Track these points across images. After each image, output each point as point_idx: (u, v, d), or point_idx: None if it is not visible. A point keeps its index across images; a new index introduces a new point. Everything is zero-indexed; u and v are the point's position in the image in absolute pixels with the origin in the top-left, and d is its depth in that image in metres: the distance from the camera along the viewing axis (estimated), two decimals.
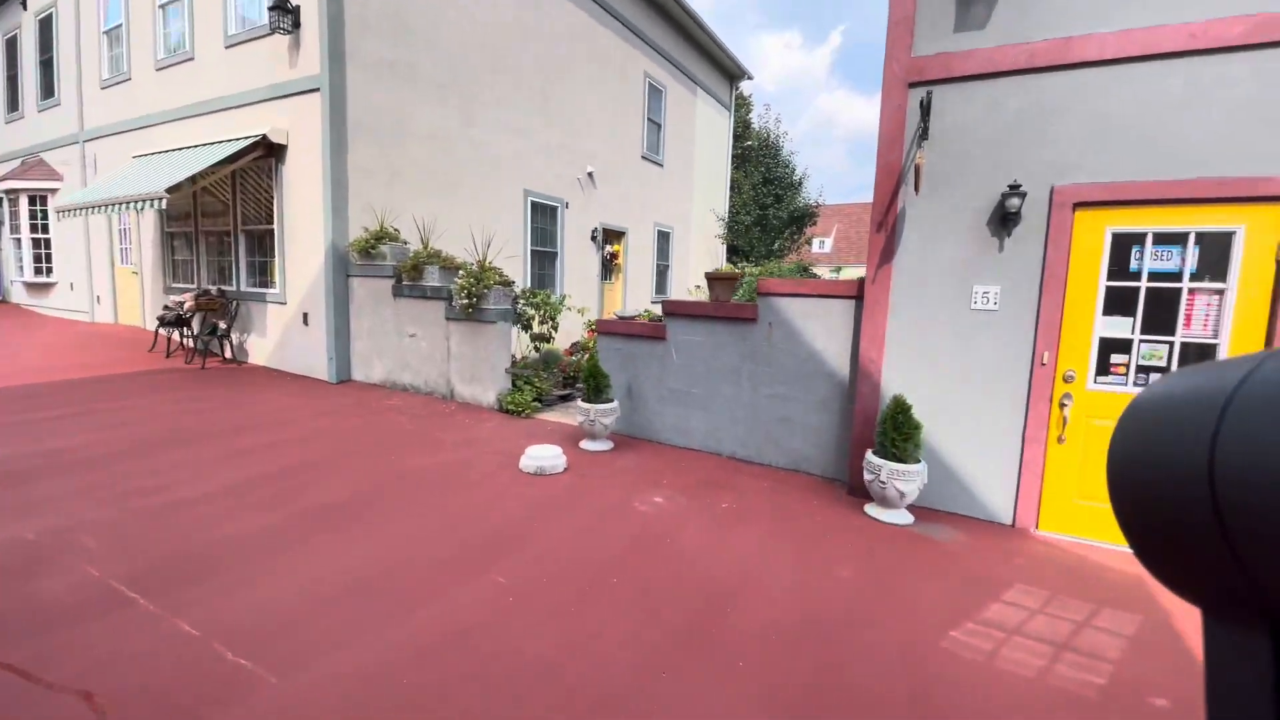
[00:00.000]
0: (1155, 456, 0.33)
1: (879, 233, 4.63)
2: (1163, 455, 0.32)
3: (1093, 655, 2.82)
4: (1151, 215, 3.83)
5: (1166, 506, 0.31)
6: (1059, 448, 4.13)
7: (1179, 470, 0.31)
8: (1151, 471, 0.33)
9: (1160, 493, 0.32)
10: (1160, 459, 0.32)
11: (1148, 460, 0.33)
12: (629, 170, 13.33)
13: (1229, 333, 3.66)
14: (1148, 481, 0.33)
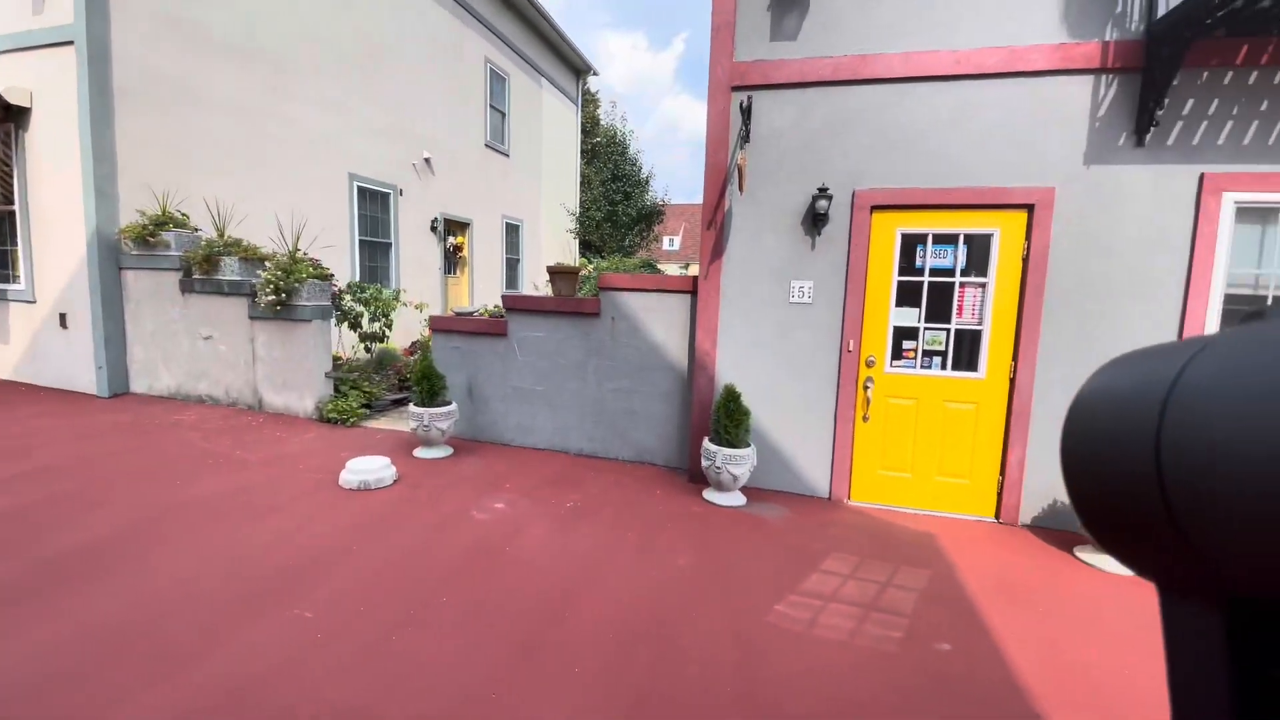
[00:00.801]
0: (1105, 445, 0.34)
1: (709, 230, 4.81)
2: (1112, 444, 0.33)
3: (893, 612, 3.15)
4: (931, 219, 4.38)
5: (1118, 492, 0.32)
6: (865, 425, 4.60)
7: (1128, 458, 0.31)
8: (1102, 460, 0.34)
9: (1112, 480, 0.33)
10: (1110, 447, 0.33)
11: (1098, 449, 0.34)
12: (472, 159, 12.72)
13: (990, 320, 4.31)
14: (1099, 469, 0.34)
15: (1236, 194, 3.84)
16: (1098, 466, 0.35)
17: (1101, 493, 0.35)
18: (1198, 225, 3.90)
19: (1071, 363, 4.18)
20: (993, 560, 3.82)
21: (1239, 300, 3.95)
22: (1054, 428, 4.23)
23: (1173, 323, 3.99)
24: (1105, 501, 0.34)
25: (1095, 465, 0.35)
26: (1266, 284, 3.90)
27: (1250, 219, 3.89)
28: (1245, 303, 3.93)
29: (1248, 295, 3.94)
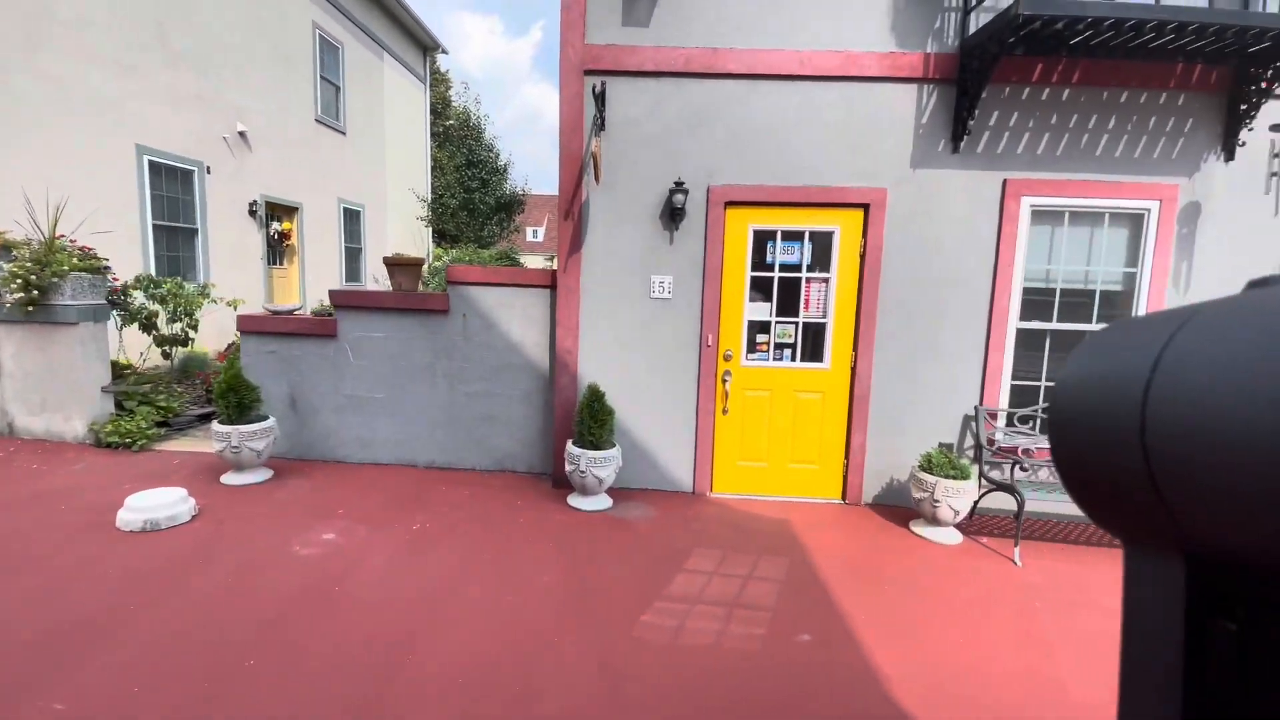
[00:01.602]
0: (1093, 408, 0.36)
1: (566, 220, 4.55)
2: (1100, 406, 0.35)
3: (756, 607, 3.15)
4: (780, 216, 4.49)
5: (1102, 453, 0.34)
6: (724, 418, 4.65)
7: (1114, 420, 0.33)
8: (1090, 422, 0.36)
9: (1098, 445, 0.35)
10: (1098, 410, 0.35)
11: (1087, 411, 0.36)
12: (299, 134, 11.27)
13: (833, 313, 4.52)
14: (1087, 436, 0.36)
15: (1033, 198, 4.35)
16: (1085, 428, 0.36)
17: (1086, 453, 0.36)
18: (1002, 225, 4.37)
19: (901, 351, 4.52)
20: (843, 542, 4.01)
21: (1035, 293, 4.49)
22: (890, 412, 4.56)
23: (983, 310, 4.45)
24: (1089, 461, 0.36)
25: (1082, 426, 0.36)
26: (1056, 277, 4.47)
27: (1043, 220, 4.43)
28: (1040, 294, 4.48)
29: (1041, 288, 4.49)
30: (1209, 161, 4.28)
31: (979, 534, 4.27)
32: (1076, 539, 4.29)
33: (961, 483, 3.99)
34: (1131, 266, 4.41)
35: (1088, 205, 4.34)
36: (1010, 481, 4.00)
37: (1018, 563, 3.83)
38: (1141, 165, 4.30)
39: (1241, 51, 3.92)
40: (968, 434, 4.56)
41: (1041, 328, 4.47)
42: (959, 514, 4.05)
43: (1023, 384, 4.55)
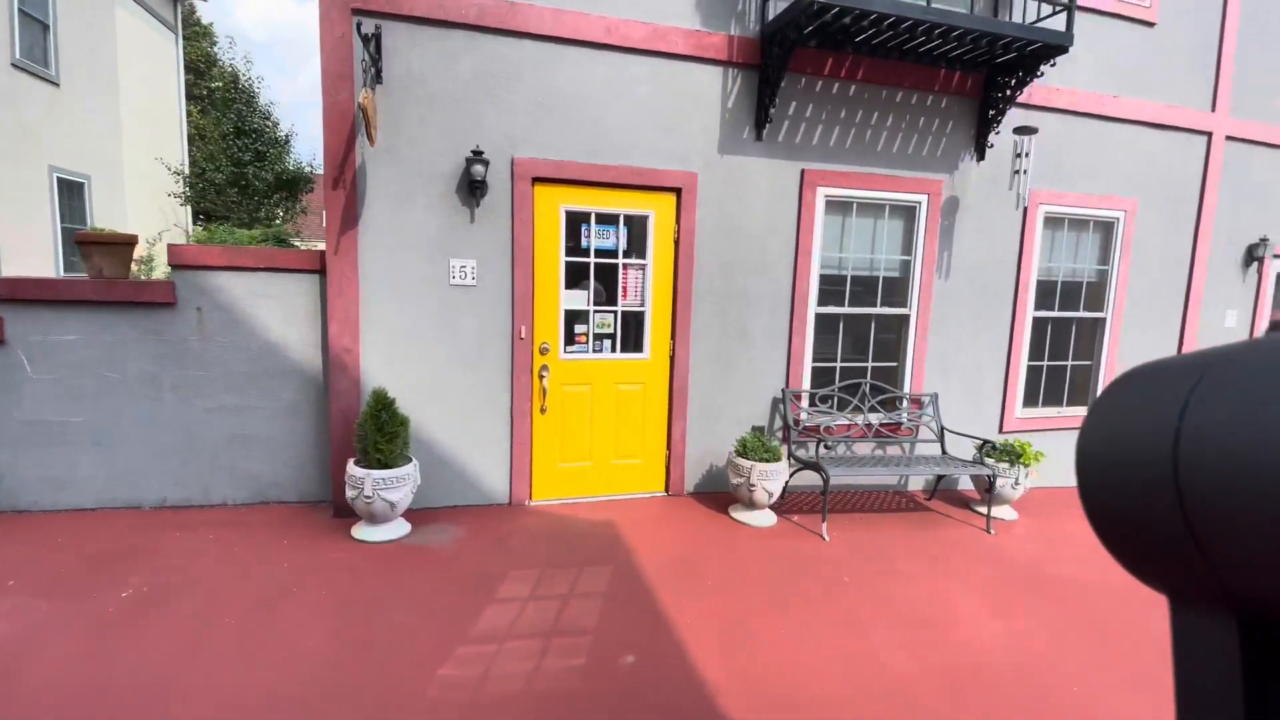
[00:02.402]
0: (1123, 458, 0.33)
1: (337, 190, 3.76)
2: (1130, 457, 0.33)
3: (576, 631, 2.79)
4: (593, 196, 4.16)
5: (1136, 506, 0.32)
6: (542, 418, 4.23)
7: (1146, 471, 0.31)
8: (1120, 473, 0.34)
9: (1129, 493, 0.33)
10: (1127, 461, 0.33)
11: (1116, 469, 0.34)
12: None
13: (651, 301, 4.33)
14: (1117, 483, 0.34)
15: (827, 189, 4.54)
16: (1116, 482, 0.34)
17: (1120, 509, 0.34)
18: (801, 214, 4.51)
19: (716, 338, 4.48)
20: (667, 538, 3.83)
21: (829, 280, 4.72)
22: (707, 400, 4.51)
23: (786, 296, 4.57)
24: (1124, 517, 0.34)
25: (1113, 484, 0.34)
26: (847, 264, 4.74)
27: (835, 210, 4.66)
28: (833, 281, 4.72)
29: (834, 275, 4.73)
30: (965, 160, 4.82)
31: (791, 512, 4.39)
32: (873, 507, 4.62)
33: (774, 465, 4.03)
34: (907, 254, 4.84)
35: (872, 197, 4.66)
36: (816, 459, 4.14)
37: (826, 538, 3.97)
38: (914, 161, 4.71)
39: (991, 61, 4.43)
40: (777, 416, 4.67)
41: (836, 312, 4.73)
42: (773, 495, 4.10)
43: (822, 365, 4.78)
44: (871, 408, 4.79)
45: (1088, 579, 3.65)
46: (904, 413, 4.89)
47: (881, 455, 4.87)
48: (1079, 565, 3.85)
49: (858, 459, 4.55)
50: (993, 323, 5.10)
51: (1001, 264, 5.05)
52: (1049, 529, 4.47)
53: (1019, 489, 4.56)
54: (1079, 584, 3.58)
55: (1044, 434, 5.36)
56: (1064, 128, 5.01)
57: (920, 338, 4.88)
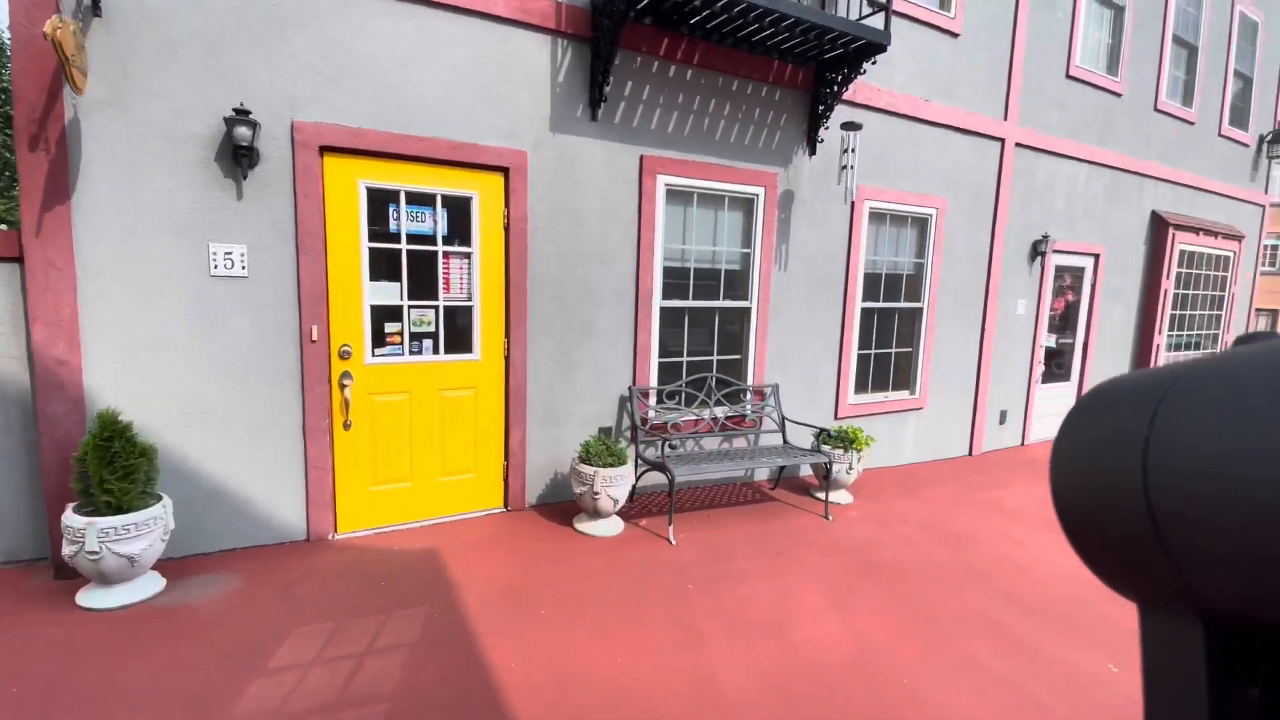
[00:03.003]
0: (1094, 469, 0.34)
1: (36, 153, 2.84)
2: (1101, 468, 0.34)
3: (369, 699, 2.30)
4: (402, 171, 3.59)
5: (1107, 516, 0.33)
6: (347, 434, 3.60)
7: (1117, 482, 0.32)
8: (1092, 484, 0.34)
9: (1101, 505, 0.33)
10: (1099, 471, 0.34)
11: (1087, 473, 0.35)
12: None
13: (479, 295, 3.85)
14: (1089, 495, 0.35)
15: (667, 177, 4.33)
16: (1088, 492, 0.35)
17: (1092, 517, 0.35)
18: (642, 203, 4.26)
19: (557, 333, 4.12)
20: (500, 562, 3.42)
21: (674, 273, 4.55)
22: (549, 402, 4.14)
23: (630, 289, 4.32)
24: (1093, 523, 0.35)
25: (1086, 490, 0.35)
26: (690, 256, 4.59)
27: (677, 200, 4.47)
28: (677, 274, 4.56)
29: (678, 267, 4.56)
30: (799, 154, 4.87)
31: (639, 516, 4.17)
32: (722, 502, 4.55)
33: (618, 469, 3.77)
34: (747, 247, 4.80)
35: (713, 188, 4.54)
36: (662, 460, 3.94)
37: (673, 542, 3.79)
38: (751, 153, 4.66)
39: (821, 55, 4.47)
40: (624, 415, 4.43)
41: (681, 305, 4.57)
42: (619, 502, 3.84)
43: (670, 361, 4.61)
44: (718, 401, 4.72)
45: (913, 561, 3.81)
46: (748, 405, 4.87)
47: (728, 449, 4.82)
48: (905, 546, 4.03)
49: (704, 455, 4.44)
50: (827, 313, 5.26)
51: (833, 257, 5.21)
52: (880, 510, 4.69)
53: (853, 473, 4.73)
54: (906, 567, 3.73)
55: (874, 418, 5.66)
56: (885, 127, 5.26)
57: (761, 330, 4.89)
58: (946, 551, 4.02)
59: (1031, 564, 3.92)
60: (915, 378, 5.93)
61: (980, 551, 4.05)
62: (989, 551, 4.07)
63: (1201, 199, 8.20)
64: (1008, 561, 3.93)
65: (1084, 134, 6.71)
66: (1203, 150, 8.07)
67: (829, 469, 4.51)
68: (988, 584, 3.59)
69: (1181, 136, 7.74)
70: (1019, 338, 6.70)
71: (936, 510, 4.79)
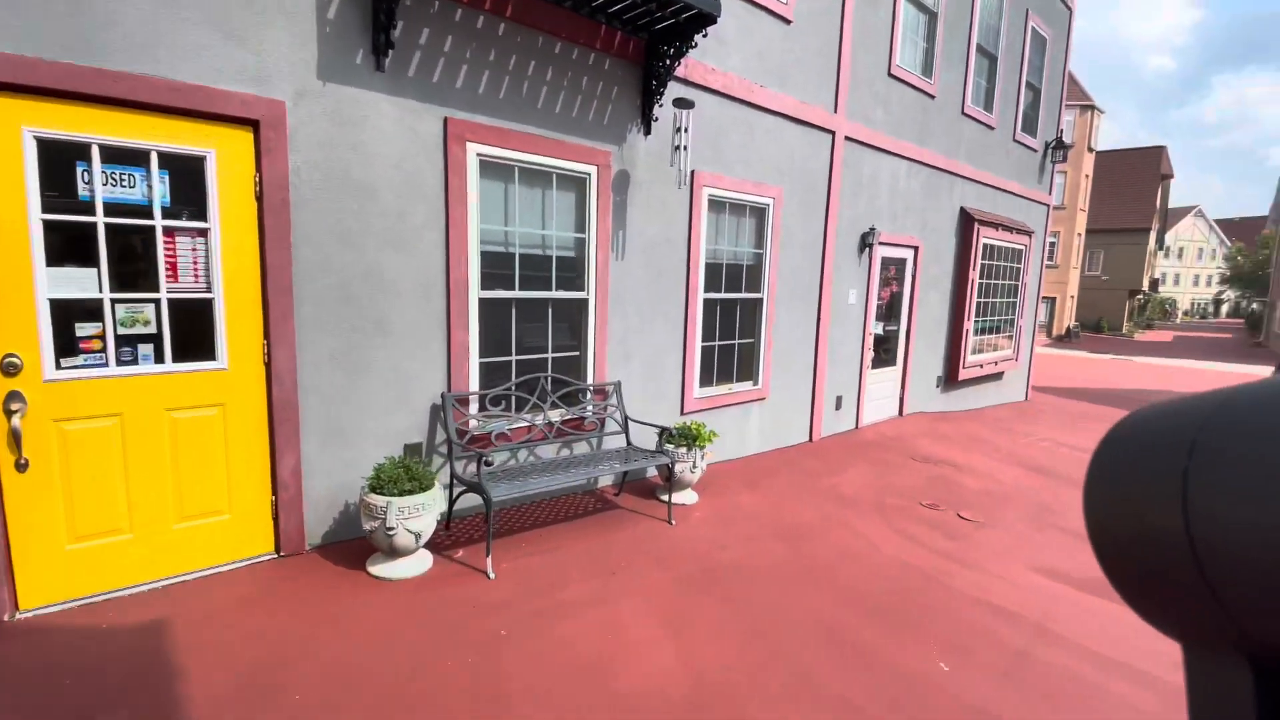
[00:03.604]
0: (1130, 502, 0.33)
1: None
2: (1138, 501, 0.32)
3: None
4: (96, 119, 2.64)
5: (1147, 553, 0.32)
6: (21, 478, 2.61)
7: (1155, 517, 0.31)
8: (1129, 517, 0.33)
9: (1140, 540, 0.32)
10: (1135, 505, 0.32)
11: (1124, 505, 0.33)
12: None
13: (223, 284, 2.99)
14: (1126, 528, 0.33)
15: (480, 146, 3.72)
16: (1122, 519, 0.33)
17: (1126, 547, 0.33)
18: (449, 175, 3.62)
19: (342, 331, 3.37)
20: (252, 630, 2.66)
21: (496, 260, 3.96)
22: (334, 417, 3.38)
23: (439, 278, 3.67)
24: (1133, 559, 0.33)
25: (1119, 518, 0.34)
26: (514, 241, 4.02)
27: (495, 175, 3.88)
28: (500, 261, 3.97)
29: (501, 253, 3.99)
30: (633, 133, 4.49)
31: (459, 545, 3.57)
32: (560, 516, 4.07)
33: (420, 496, 3.14)
34: (581, 232, 4.34)
35: (537, 163, 4.00)
36: (478, 479, 3.36)
37: (491, 575, 3.24)
38: (581, 127, 4.19)
39: (651, 25, 4.08)
40: (440, 428, 3.78)
41: (506, 297, 4.00)
42: (423, 536, 3.20)
43: (497, 361, 4.03)
44: (553, 404, 4.22)
45: (754, 562, 3.61)
46: (589, 406, 4.44)
47: (569, 457, 4.36)
48: (747, 546, 3.83)
49: (536, 467, 3.92)
50: (669, 304, 4.97)
51: (673, 244, 4.92)
52: (724, 506, 4.50)
53: (697, 471, 4.48)
54: (747, 571, 3.51)
55: (721, 411, 5.51)
56: (722, 111, 5.05)
57: (601, 323, 4.47)
58: (787, 547, 3.88)
59: (866, 553, 3.90)
60: (758, 368, 5.87)
61: (819, 544, 3.97)
62: (827, 543, 4.00)
63: (1000, 198, 9.15)
64: (845, 553, 3.87)
65: (905, 132, 7.09)
66: (1000, 153, 8.99)
67: (671, 470, 4.21)
68: (826, 582, 3.47)
69: (984, 140, 8.54)
70: (851, 326, 6.95)
71: (779, 502, 4.70)
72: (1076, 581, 3.70)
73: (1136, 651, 2.94)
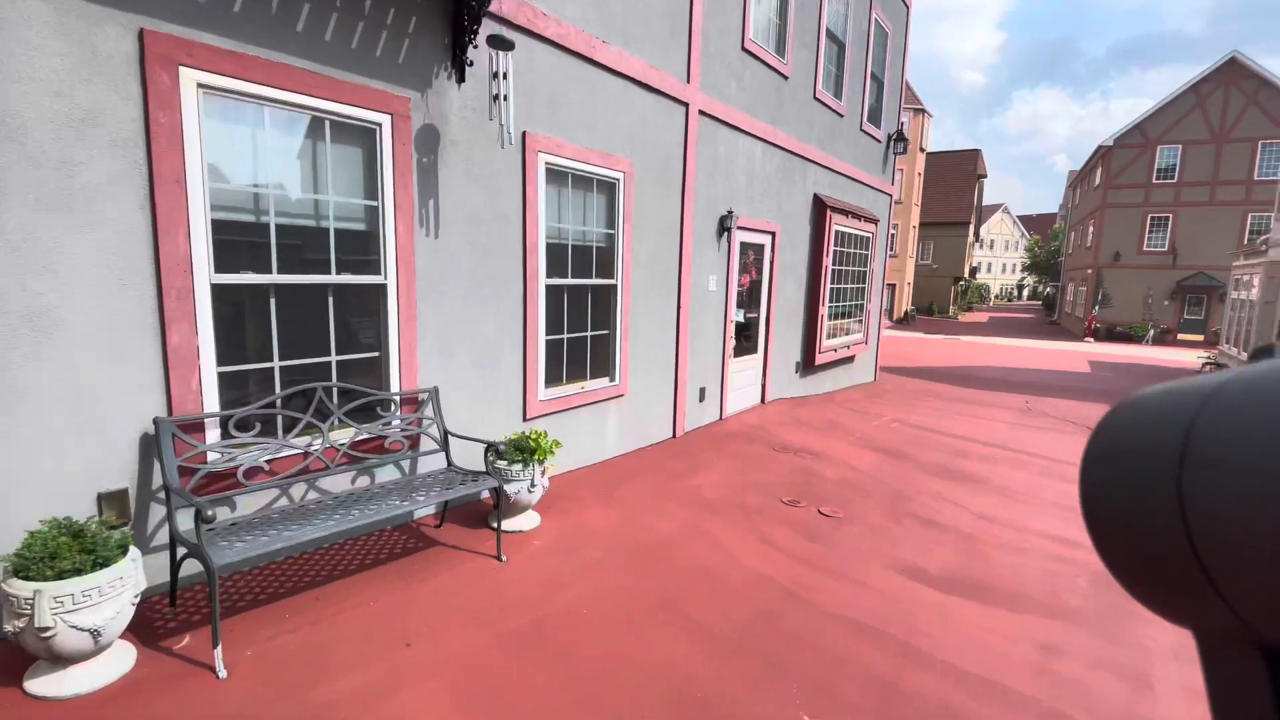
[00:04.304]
0: (1127, 496, 0.32)
1: None
2: (1134, 495, 0.32)
3: None
4: None
5: (1146, 545, 0.31)
6: None
7: (1151, 508, 0.30)
8: (1124, 508, 0.32)
9: (1137, 532, 0.31)
10: (1132, 499, 0.32)
11: (1119, 494, 0.33)
12: None
13: None
14: (1123, 519, 0.33)
15: (201, 73, 2.69)
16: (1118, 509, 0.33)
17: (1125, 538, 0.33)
18: (150, 111, 2.56)
19: None
20: None
21: (242, 230, 2.95)
22: None
23: (143, 254, 2.61)
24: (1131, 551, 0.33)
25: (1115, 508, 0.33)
26: (268, 208, 3.02)
27: (232, 116, 2.85)
28: (242, 230, 2.96)
29: (249, 223, 2.98)
30: (441, 78, 3.63)
31: (185, 629, 2.58)
32: (348, 567, 3.16)
33: (96, 576, 2.13)
34: (372, 199, 3.42)
35: (300, 104, 3.03)
36: (198, 542, 2.39)
37: (221, 674, 2.31)
38: (366, 63, 3.27)
39: None
40: (161, 467, 2.72)
41: (258, 282, 3.00)
42: (107, 631, 2.20)
43: (244, 370, 3.03)
44: (340, 422, 3.30)
45: (597, 602, 3.00)
46: (394, 419, 3.56)
47: (368, 488, 3.46)
48: (590, 580, 3.21)
49: (311, 509, 2.99)
50: (503, 291, 4.19)
51: (505, 220, 4.14)
52: (571, 528, 3.85)
53: (537, 490, 3.78)
54: (587, 618, 2.88)
55: (573, 413, 4.85)
56: (559, 67, 4.33)
57: (407, 314, 3.59)
58: (637, 576, 3.31)
59: (724, 569, 3.44)
60: (615, 362, 5.28)
61: (675, 565, 3.45)
62: (684, 562, 3.49)
63: (850, 186, 9.32)
64: (703, 572, 3.38)
65: (760, 111, 6.81)
66: (849, 141, 9.13)
67: (500, 494, 3.47)
68: (680, 617, 2.93)
69: (834, 126, 8.59)
70: (712, 314, 6.59)
71: (635, 514, 4.15)
72: (936, 580, 3.50)
73: (1007, 665, 2.71)
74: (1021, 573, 3.67)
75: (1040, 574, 3.67)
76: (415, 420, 3.65)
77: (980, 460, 6.11)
